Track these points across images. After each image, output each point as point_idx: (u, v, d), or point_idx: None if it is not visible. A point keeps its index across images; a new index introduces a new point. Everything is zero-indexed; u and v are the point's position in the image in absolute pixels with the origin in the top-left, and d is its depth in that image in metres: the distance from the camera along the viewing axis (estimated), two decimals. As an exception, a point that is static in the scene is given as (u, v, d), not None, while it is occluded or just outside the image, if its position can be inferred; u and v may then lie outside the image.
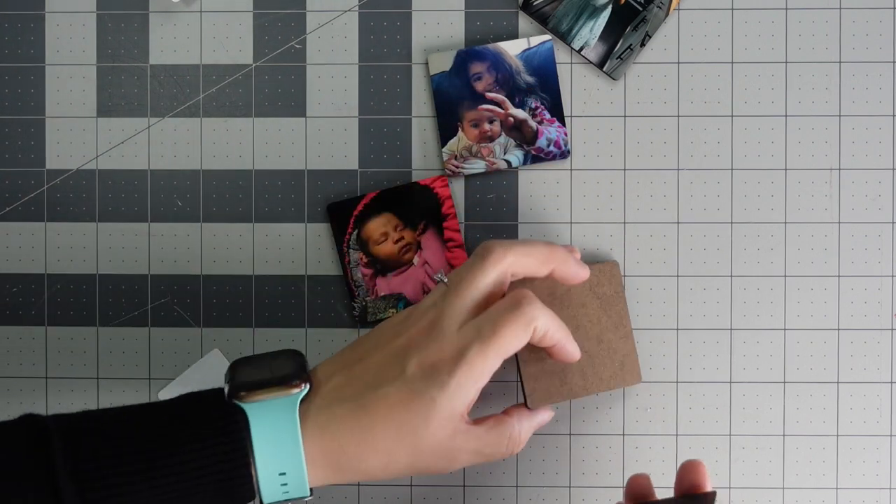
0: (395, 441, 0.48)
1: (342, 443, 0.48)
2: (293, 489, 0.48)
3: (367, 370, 0.50)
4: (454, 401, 0.48)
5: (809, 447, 0.61)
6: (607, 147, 0.61)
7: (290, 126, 0.61)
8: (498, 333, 0.49)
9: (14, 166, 0.62)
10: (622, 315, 0.60)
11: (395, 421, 0.48)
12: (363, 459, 0.49)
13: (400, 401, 0.48)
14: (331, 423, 0.48)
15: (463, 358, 0.48)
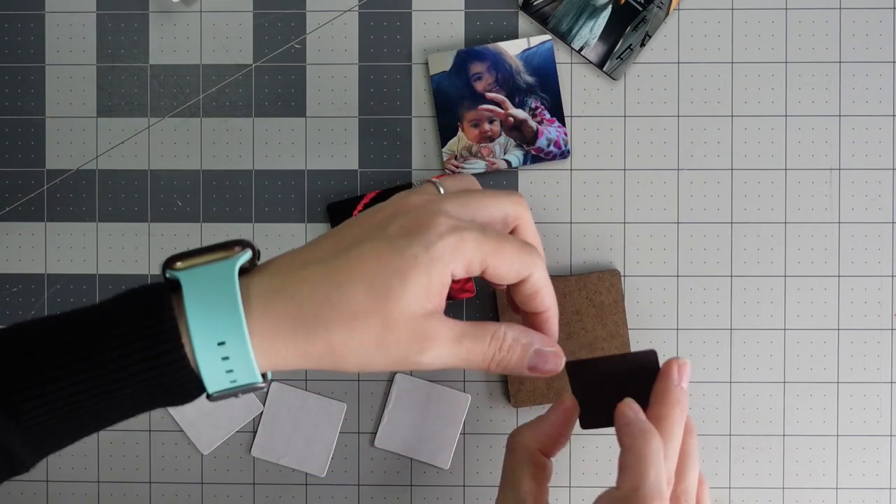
0: (365, 302, 0.42)
1: (301, 304, 0.42)
2: (239, 371, 0.41)
3: (339, 240, 0.44)
4: (435, 267, 0.42)
5: (809, 447, 0.61)
6: (607, 147, 0.61)
7: (290, 126, 0.62)
8: (501, 244, 0.44)
9: (14, 166, 0.62)
10: (619, 325, 0.60)
11: (367, 278, 0.42)
12: (324, 324, 0.42)
13: (377, 256, 0.42)
14: (286, 286, 0.42)
15: (459, 232, 0.43)
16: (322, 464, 0.61)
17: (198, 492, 0.61)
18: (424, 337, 0.43)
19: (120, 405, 0.42)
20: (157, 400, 0.42)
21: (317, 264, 0.43)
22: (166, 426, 0.61)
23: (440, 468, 0.61)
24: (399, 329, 0.42)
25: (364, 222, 0.45)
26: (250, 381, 0.42)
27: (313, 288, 0.42)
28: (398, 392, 0.61)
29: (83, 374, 0.41)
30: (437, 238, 0.42)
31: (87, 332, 0.41)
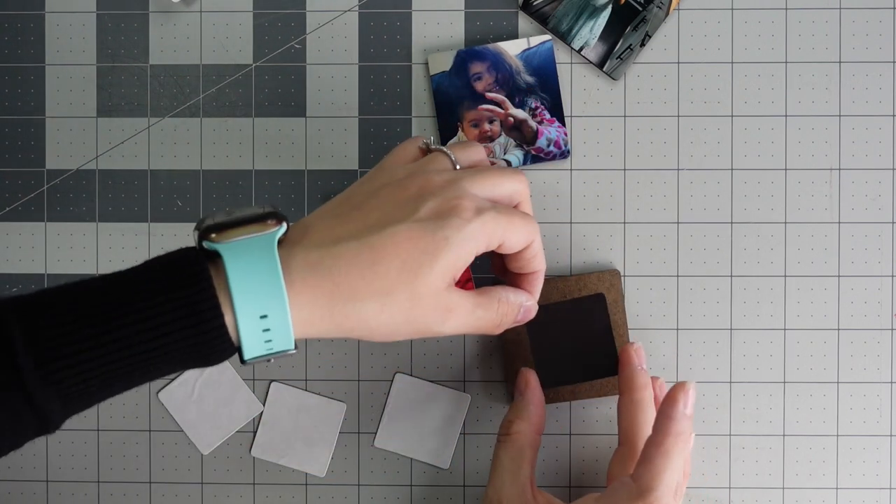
0: (396, 280, 0.45)
1: (337, 280, 0.45)
2: (277, 339, 0.44)
3: (369, 214, 0.47)
4: (463, 248, 0.46)
5: (809, 447, 0.61)
6: (607, 147, 0.61)
7: (290, 126, 0.61)
8: (512, 219, 0.48)
9: (14, 166, 0.62)
10: (619, 324, 0.60)
11: (400, 257, 0.45)
12: (358, 299, 0.45)
13: (409, 238, 0.46)
14: (324, 260, 0.45)
15: (482, 214, 0.47)
16: (322, 464, 0.61)
17: (198, 492, 0.61)
18: (446, 308, 0.47)
19: (155, 369, 0.44)
20: (189, 363, 0.44)
21: (351, 240, 0.46)
22: (166, 426, 0.61)
23: (440, 468, 0.61)
24: (426, 303, 0.46)
25: (390, 197, 0.48)
26: (286, 349, 0.45)
27: (349, 265, 0.45)
28: (398, 392, 0.61)
29: (124, 341, 0.42)
30: (465, 221, 0.46)
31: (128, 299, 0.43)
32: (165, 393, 0.61)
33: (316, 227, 0.47)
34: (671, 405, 0.52)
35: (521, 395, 0.58)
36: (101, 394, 0.44)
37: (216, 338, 0.43)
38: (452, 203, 0.47)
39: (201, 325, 0.43)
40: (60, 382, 0.42)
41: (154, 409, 0.61)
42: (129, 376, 0.44)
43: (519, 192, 0.51)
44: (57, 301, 0.43)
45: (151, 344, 0.43)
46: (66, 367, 0.42)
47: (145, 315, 0.43)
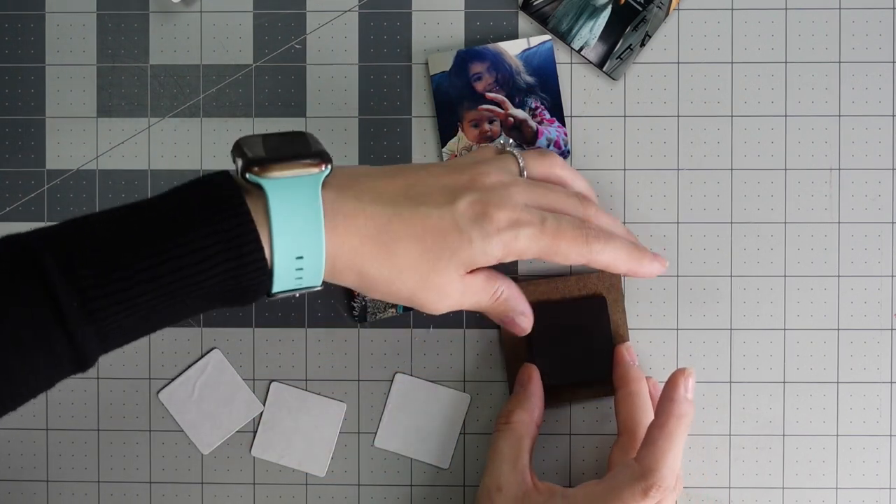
0: (415, 263, 0.47)
1: (364, 240, 0.46)
2: (307, 277, 0.45)
3: (413, 187, 0.48)
4: (485, 254, 0.48)
5: (809, 447, 0.61)
6: (607, 147, 0.61)
7: (290, 126, 0.61)
8: (557, 239, 0.49)
9: (14, 166, 0.62)
10: (620, 324, 0.60)
11: (424, 243, 0.47)
12: (375, 264, 0.46)
13: (438, 227, 0.47)
14: (359, 217, 0.46)
15: (517, 228, 0.48)
16: (322, 464, 0.61)
17: (198, 492, 0.61)
18: (447, 293, 0.49)
19: (192, 305, 0.44)
20: (227, 299, 0.44)
21: (388, 206, 0.47)
22: (166, 426, 0.61)
23: (440, 468, 0.61)
24: (432, 287, 0.48)
25: (440, 177, 0.49)
26: (313, 285, 0.46)
27: (378, 230, 0.46)
28: (398, 392, 0.61)
29: (164, 276, 0.42)
30: (495, 231, 0.47)
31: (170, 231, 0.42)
32: (165, 393, 0.61)
33: (362, 179, 0.47)
34: (673, 388, 0.53)
35: (523, 387, 0.58)
36: (137, 331, 0.43)
37: (255, 271, 0.43)
38: (491, 207, 0.48)
39: (242, 259, 0.43)
40: (100, 319, 0.41)
41: (154, 409, 0.61)
42: (165, 311, 0.43)
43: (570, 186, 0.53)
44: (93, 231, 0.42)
45: (192, 279, 0.42)
46: (106, 305, 0.41)
47: (188, 249, 0.42)
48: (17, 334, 0.40)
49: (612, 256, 0.51)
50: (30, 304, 0.40)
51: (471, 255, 0.48)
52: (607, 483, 0.53)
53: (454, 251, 0.47)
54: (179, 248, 0.42)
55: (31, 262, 0.41)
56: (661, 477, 0.51)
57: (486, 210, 0.48)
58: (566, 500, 0.53)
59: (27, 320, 0.40)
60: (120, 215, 0.43)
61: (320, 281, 0.46)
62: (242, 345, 0.61)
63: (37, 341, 0.41)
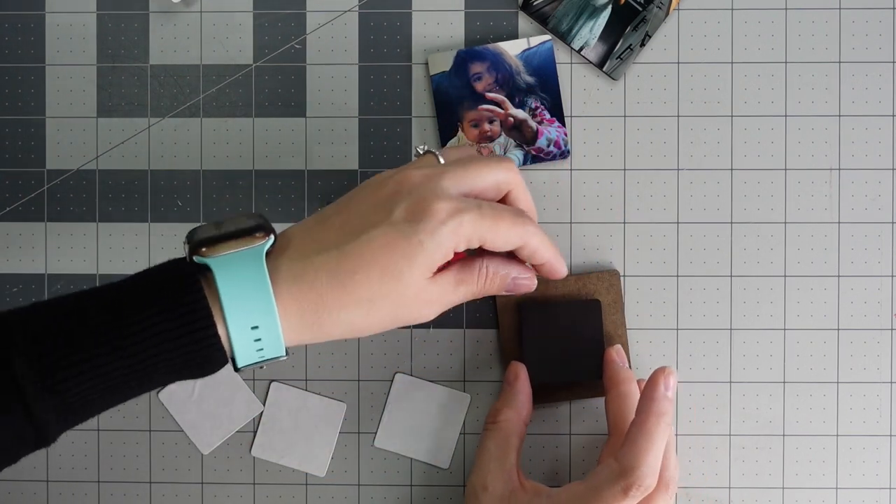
0: (379, 286, 0.46)
1: (321, 291, 0.46)
2: (268, 348, 0.46)
3: (348, 220, 0.48)
4: (439, 249, 0.47)
5: (809, 447, 0.61)
6: (607, 147, 0.61)
7: (290, 126, 0.62)
8: (497, 221, 0.48)
9: (14, 166, 0.62)
10: (618, 325, 0.60)
11: (379, 265, 0.46)
12: (344, 308, 0.46)
13: (386, 244, 0.46)
14: (307, 272, 0.46)
15: (458, 215, 0.47)
16: (322, 464, 0.61)
17: (198, 492, 0.61)
18: (430, 300, 0.48)
19: (150, 380, 0.45)
20: (185, 374, 0.45)
21: (332, 250, 0.46)
22: (166, 426, 0.61)
23: (440, 468, 0.61)
24: (409, 301, 0.47)
25: (369, 198, 0.49)
26: (277, 355, 0.46)
27: (330, 276, 0.46)
28: (398, 392, 0.61)
29: (121, 352, 0.43)
30: (439, 224, 0.47)
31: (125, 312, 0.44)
32: (165, 393, 0.61)
33: (299, 237, 0.48)
34: (653, 387, 0.53)
35: (511, 385, 0.58)
36: (98, 406, 0.45)
37: (209, 346, 0.45)
38: (427, 203, 0.47)
39: (195, 335, 0.44)
40: (60, 394, 0.43)
41: (154, 409, 0.61)
42: (125, 387, 0.44)
43: (505, 181, 0.51)
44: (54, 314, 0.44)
45: (148, 353, 0.44)
46: (65, 379, 0.43)
47: (141, 327, 0.44)
48: None
49: (539, 240, 0.50)
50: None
51: (427, 256, 0.47)
52: (588, 483, 0.53)
53: (410, 259, 0.46)
54: (134, 325, 0.43)
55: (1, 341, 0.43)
56: (641, 475, 0.51)
57: (422, 207, 0.47)
58: (551, 499, 0.54)
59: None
60: (80, 296, 0.45)
61: (282, 350, 0.46)
62: (242, 345, 0.61)
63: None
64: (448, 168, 0.49)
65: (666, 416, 0.53)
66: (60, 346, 0.43)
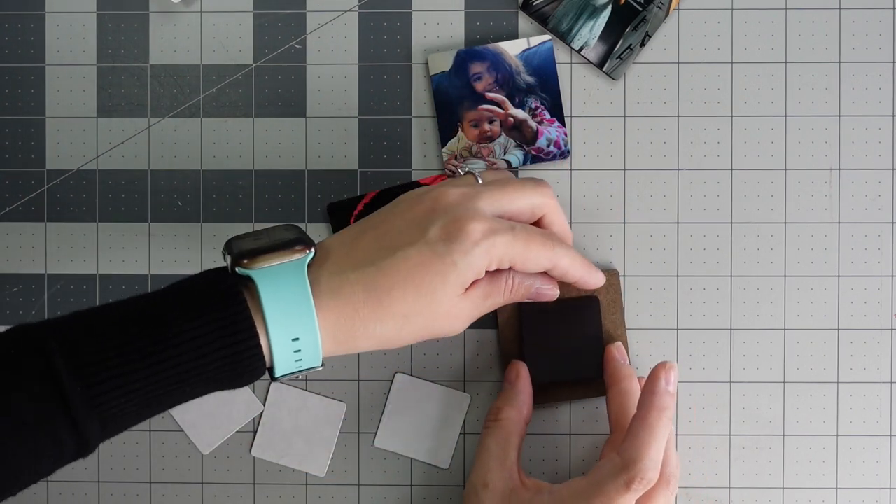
0: (413, 303, 0.48)
1: (357, 306, 0.47)
2: (306, 358, 0.47)
3: (384, 235, 0.49)
4: (472, 269, 0.49)
5: (809, 447, 0.61)
6: (607, 147, 0.61)
7: (290, 126, 0.62)
8: (529, 244, 0.50)
9: (14, 166, 0.62)
10: (617, 325, 0.60)
11: (414, 283, 0.48)
12: (379, 322, 0.48)
13: (421, 262, 0.48)
14: (344, 287, 0.47)
15: (491, 237, 0.49)
16: (322, 464, 0.61)
17: (198, 492, 0.61)
18: (459, 315, 0.50)
19: (190, 390, 0.46)
20: (224, 384, 0.46)
21: (368, 266, 0.48)
22: (166, 426, 0.61)
23: (440, 468, 0.61)
24: (441, 316, 0.49)
25: (405, 214, 0.50)
26: (314, 365, 0.48)
27: (367, 292, 0.47)
28: (398, 392, 0.61)
29: (164, 363, 0.44)
30: (472, 245, 0.48)
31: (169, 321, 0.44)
32: (165, 393, 0.61)
33: (336, 251, 0.49)
34: (654, 381, 0.54)
35: (511, 384, 0.58)
36: (135, 417, 0.45)
37: (250, 357, 0.45)
38: (461, 223, 0.48)
39: (237, 346, 0.45)
40: (103, 405, 0.44)
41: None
42: (165, 397, 0.45)
43: (540, 205, 0.52)
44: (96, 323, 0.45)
45: (190, 364, 0.44)
46: (110, 390, 0.43)
47: (184, 339, 0.44)
48: (22, 420, 0.42)
49: (569, 261, 0.52)
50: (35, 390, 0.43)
51: (459, 275, 0.48)
52: (590, 478, 0.53)
53: (443, 277, 0.48)
54: (177, 336, 0.44)
55: (37, 351, 0.43)
56: (643, 468, 0.51)
57: (457, 227, 0.48)
58: (552, 496, 0.54)
59: (33, 406, 0.42)
60: (121, 305, 0.46)
61: (320, 361, 0.47)
62: (242, 345, 0.61)
63: (42, 427, 0.43)
64: (484, 189, 0.51)
65: (667, 410, 0.53)
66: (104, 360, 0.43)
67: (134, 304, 0.46)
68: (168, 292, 0.46)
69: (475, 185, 0.51)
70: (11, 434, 0.42)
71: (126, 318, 0.45)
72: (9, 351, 0.43)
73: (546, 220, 0.53)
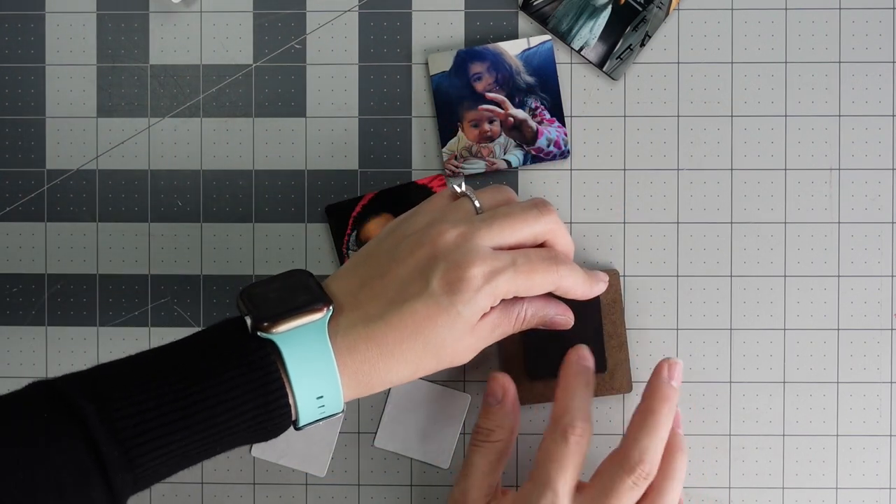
0: (423, 352, 0.50)
1: (373, 362, 0.49)
2: (329, 407, 0.49)
3: (389, 285, 0.50)
4: (477, 314, 0.50)
5: (809, 447, 0.61)
6: (607, 147, 0.61)
7: (290, 126, 0.62)
8: (531, 275, 0.51)
9: (14, 166, 0.62)
10: (617, 324, 0.60)
11: (423, 336, 0.49)
12: (392, 371, 0.50)
13: (428, 316, 0.49)
14: (358, 344, 0.49)
15: (494, 279, 0.50)
16: (322, 464, 0.61)
17: (198, 492, 0.61)
18: (467, 349, 0.51)
19: (220, 447, 0.47)
20: (251, 439, 0.48)
21: (378, 321, 0.49)
22: (166, 426, 0.61)
23: (440, 468, 0.61)
24: (451, 357, 0.51)
25: (407, 262, 0.50)
26: (336, 412, 0.49)
27: (380, 348, 0.49)
28: (398, 392, 0.61)
29: (199, 425, 0.46)
30: (474, 293, 0.49)
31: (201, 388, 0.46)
32: (165, 393, 0.61)
33: (346, 303, 0.50)
34: (656, 375, 0.55)
35: (501, 404, 0.57)
36: (169, 472, 0.47)
37: (280, 416, 0.47)
38: (461, 271, 0.49)
39: (268, 406, 0.47)
40: (138, 468, 0.45)
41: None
42: (196, 456, 0.47)
43: (543, 233, 0.53)
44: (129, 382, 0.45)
45: (224, 426, 0.46)
46: (146, 453, 0.45)
47: (221, 399, 0.46)
48: (59, 480, 0.43)
49: (572, 280, 0.53)
50: (71, 451, 0.43)
51: (465, 322, 0.50)
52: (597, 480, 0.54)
53: (450, 328, 0.49)
54: (212, 398, 0.46)
55: (70, 409, 0.44)
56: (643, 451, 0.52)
57: (458, 275, 0.49)
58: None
59: (69, 467, 0.43)
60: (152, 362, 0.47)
61: (342, 407, 0.49)
62: (242, 345, 0.61)
63: (77, 487, 0.43)
64: (482, 225, 0.51)
65: (669, 401, 0.54)
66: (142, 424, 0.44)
67: (165, 361, 0.47)
68: (196, 348, 0.47)
69: (472, 220, 0.51)
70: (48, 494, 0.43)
71: (159, 377, 0.46)
72: (42, 414, 0.44)
73: (549, 242, 0.53)
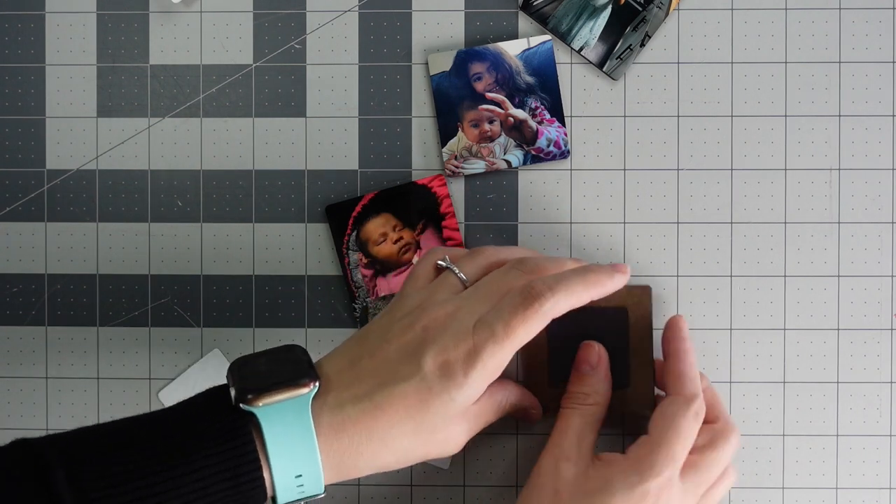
0: (412, 438, 0.49)
1: (359, 446, 0.48)
2: (308, 488, 0.48)
3: (380, 366, 0.50)
4: (470, 398, 0.49)
5: (809, 447, 0.61)
6: (607, 147, 0.61)
7: (290, 126, 0.62)
8: (511, 334, 0.49)
9: (14, 166, 0.62)
10: (644, 340, 0.57)
11: (413, 420, 0.48)
12: (379, 457, 0.49)
13: (420, 400, 0.48)
14: (346, 425, 0.48)
15: (478, 358, 0.49)
16: (322, 464, 0.61)
17: (198, 492, 0.61)
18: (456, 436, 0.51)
19: None
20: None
21: (366, 401, 0.48)
22: (166, 426, 0.61)
23: (440, 468, 0.61)
24: (440, 444, 0.50)
25: (399, 341, 0.50)
26: (316, 493, 0.48)
27: (369, 433, 0.48)
28: (398, 392, 0.61)
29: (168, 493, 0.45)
30: (464, 377, 0.48)
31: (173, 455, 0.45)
32: (165, 392, 0.61)
33: (335, 380, 0.49)
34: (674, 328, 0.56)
35: (595, 370, 0.56)
36: None
37: (252, 490, 0.46)
38: (449, 355, 0.49)
39: (239, 478, 0.46)
40: None
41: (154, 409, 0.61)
42: None
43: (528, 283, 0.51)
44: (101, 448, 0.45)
45: (193, 496, 0.45)
46: None
47: (193, 467, 0.45)
48: None
49: (566, 301, 0.51)
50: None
51: (458, 407, 0.49)
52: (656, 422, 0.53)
53: (443, 413, 0.49)
54: (183, 467, 0.45)
55: (42, 470, 0.44)
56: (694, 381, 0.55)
57: (449, 359, 0.49)
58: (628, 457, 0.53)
59: None
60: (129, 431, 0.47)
61: (322, 490, 0.48)
62: (242, 345, 0.61)
63: None
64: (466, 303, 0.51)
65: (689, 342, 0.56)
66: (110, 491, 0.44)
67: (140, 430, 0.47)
68: (174, 419, 0.47)
69: (458, 298, 0.51)
70: None
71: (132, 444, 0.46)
72: (11, 471, 0.44)
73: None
